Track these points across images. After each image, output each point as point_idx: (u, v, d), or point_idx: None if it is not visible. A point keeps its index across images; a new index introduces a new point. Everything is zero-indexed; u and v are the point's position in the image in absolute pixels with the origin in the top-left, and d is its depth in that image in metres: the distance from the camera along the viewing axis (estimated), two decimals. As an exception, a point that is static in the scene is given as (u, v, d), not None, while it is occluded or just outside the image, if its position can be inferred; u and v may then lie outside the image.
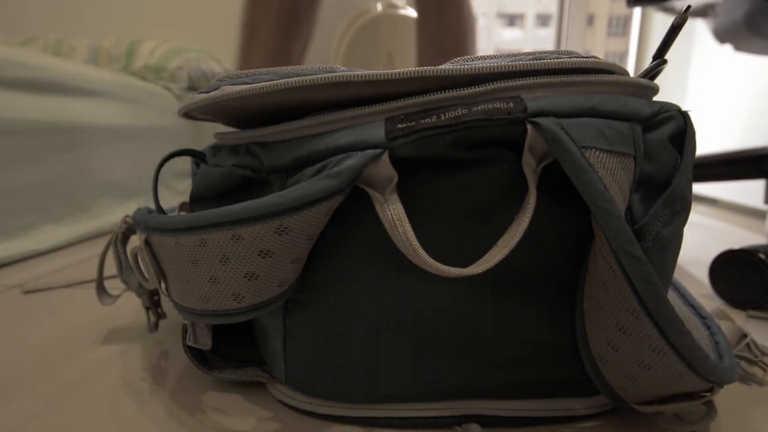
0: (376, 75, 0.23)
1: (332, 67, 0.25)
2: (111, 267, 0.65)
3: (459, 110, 0.23)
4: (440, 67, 0.23)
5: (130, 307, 0.50)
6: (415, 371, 0.27)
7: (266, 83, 0.24)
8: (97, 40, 1.33)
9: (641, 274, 0.21)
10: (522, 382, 0.28)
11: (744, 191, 1.32)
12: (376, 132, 0.23)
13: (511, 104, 0.23)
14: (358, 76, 0.23)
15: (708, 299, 0.54)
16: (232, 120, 0.30)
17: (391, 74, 0.23)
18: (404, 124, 0.23)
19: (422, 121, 0.23)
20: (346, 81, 0.23)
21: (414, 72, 0.23)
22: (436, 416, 0.28)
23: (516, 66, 0.23)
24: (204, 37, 1.62)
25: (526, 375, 0.27)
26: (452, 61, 0.24)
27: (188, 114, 0.31)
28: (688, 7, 0.26)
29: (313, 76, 0.23)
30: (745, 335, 0.36)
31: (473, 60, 0.24)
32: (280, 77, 0.25)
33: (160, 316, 0.38)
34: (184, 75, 1.24)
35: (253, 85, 0.24)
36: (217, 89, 0.26)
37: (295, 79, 0.24)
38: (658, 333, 0.22)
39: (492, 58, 0.25)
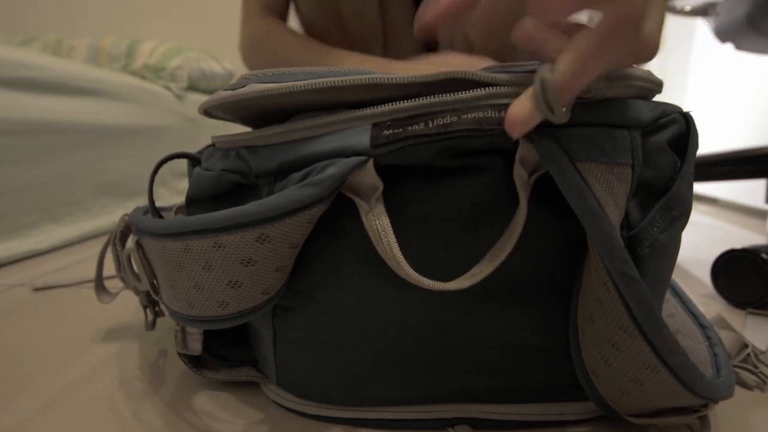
0: (413, 78, 0.22)
1: (364, 69, 0.24)
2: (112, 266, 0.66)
3: (448, 117, 0.21)
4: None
5: (132, 304, 0.50)
6: (403, 376, 0.27)
7: (296, 83, 0.23)
8: (97, 40, 1.33)
9: (636, 294, 0.20)
10: (513, 386, 0.27)
11: (744, 191, 1.32)
12: (362, 138, 0.22)
13: (503, 113, 0.21)
14: (388, 78, 0.22)
15: (709, 299, 0.54)
16: (252, 120, 0.29)
17: (440, 75, 0.22)
18: (390, 131, 0.22)
19: (409, 128, 0.22)
20: (380, 83, 0.22)
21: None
22: (427, 418, 0.28)
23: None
24: (204, 37, 1.62)
25: (516, 379, 0.27)
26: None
27: (208, 112, 0.30)
28: None
29: (348, 77, 0.22)
30: (746, 345, 0.35)
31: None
32: (310, 77, 0.24)
33: (158, 314, 0.38)
34: (184, 74, 1.24)
35: (282, 84, 0.23)
36: (243, 87, 0.25)
37: (328, 79, 0.22)
38: (652, 352, 0.22)
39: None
